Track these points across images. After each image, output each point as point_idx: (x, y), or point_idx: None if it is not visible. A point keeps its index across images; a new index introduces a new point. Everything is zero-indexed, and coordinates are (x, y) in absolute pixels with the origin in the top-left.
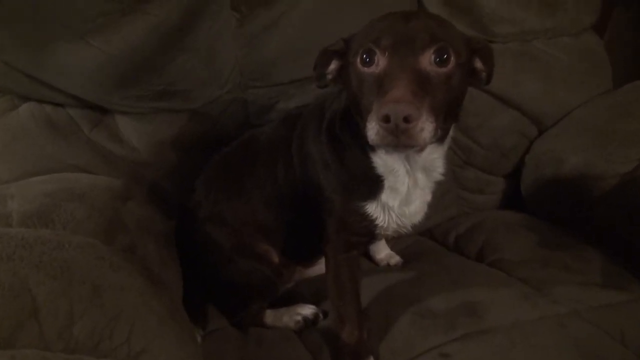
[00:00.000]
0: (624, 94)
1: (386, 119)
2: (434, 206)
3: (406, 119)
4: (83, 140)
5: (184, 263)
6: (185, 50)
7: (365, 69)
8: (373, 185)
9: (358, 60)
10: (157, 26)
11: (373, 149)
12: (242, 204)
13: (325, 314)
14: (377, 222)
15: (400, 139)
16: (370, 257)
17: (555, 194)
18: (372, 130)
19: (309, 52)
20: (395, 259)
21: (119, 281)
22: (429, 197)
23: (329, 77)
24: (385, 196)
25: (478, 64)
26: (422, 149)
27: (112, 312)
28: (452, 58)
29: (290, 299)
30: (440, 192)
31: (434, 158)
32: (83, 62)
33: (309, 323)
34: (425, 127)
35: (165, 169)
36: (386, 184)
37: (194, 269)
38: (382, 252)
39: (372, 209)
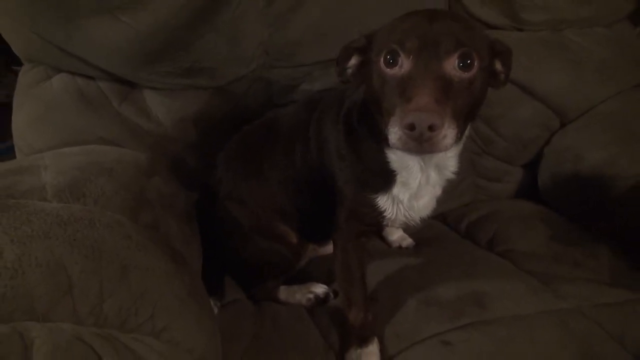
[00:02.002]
0: None
1: (411, 127)
2: (449, 192)
3: (430, 128)
4: (112, 113)
5: (204, 237)
6: (212, 28)
7: (389, 70)
8: (386, 179)
9: (381, 60)
10: (186, 3)
11: (388, 145)
12: (260, 186)
13: (336, 293)
14: (385, 213)
15: (424, 146)
16: (383, 238)
17: (573, 189)
18: (395, 135)
19: (334, 34)
20: (408, 241)
21: (144, 262)
22: (439, 192)
23: (349, 71)
24: (396, 190)
25: (498, 66)
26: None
27: (138, 292)
28: (476, 63)
29: (304, 277)
30: (457, 179)
31: (449, 157)
32: (112, 37)
33: (320, 301)
34: (448, 134)
35: (190, 145)
36: (398, 179)
37: (213, 243)
38: (395, 234)
39: (382, 201)
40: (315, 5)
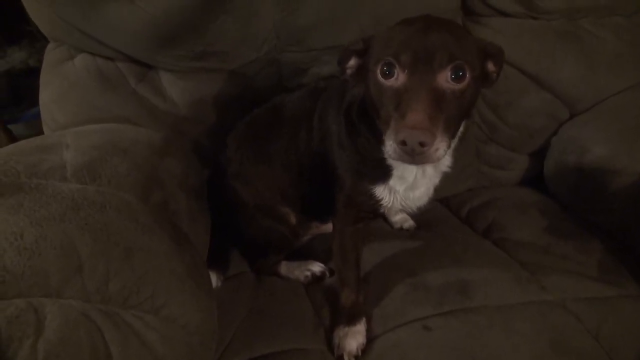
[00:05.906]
0: None
1: (404, 143)
2: (453, 177)
3: (422, 144)
4: (129, 93)
5: (213, 212)
6: (225, 12)
7: (385, 81)
8: (383, 172)
9: (378, 70)
10: None
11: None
12: (266, 168)
13: (332, 272)
14: (382, 202)
15: (416, 159)
16: (385, 218)
17: (575, 181)
18: (390, 147)
19: (344, 20)
20: (409, 223)
21: (148, 244)
22: (436, 182)
23: (349, 72)
24: (393, 182)
25: (490, 67)
26: None
27: (140, 273)
28: (468, 74)
29: (306, 253)
30: (461, 165)
31: None
32: (129, 21)
33: (316, 279)
34: (440, 147)
35: (203, 125)
36: (395, 172)
37: (222, 218)
38: (398, 215)
39: (379, 191)
40: None
